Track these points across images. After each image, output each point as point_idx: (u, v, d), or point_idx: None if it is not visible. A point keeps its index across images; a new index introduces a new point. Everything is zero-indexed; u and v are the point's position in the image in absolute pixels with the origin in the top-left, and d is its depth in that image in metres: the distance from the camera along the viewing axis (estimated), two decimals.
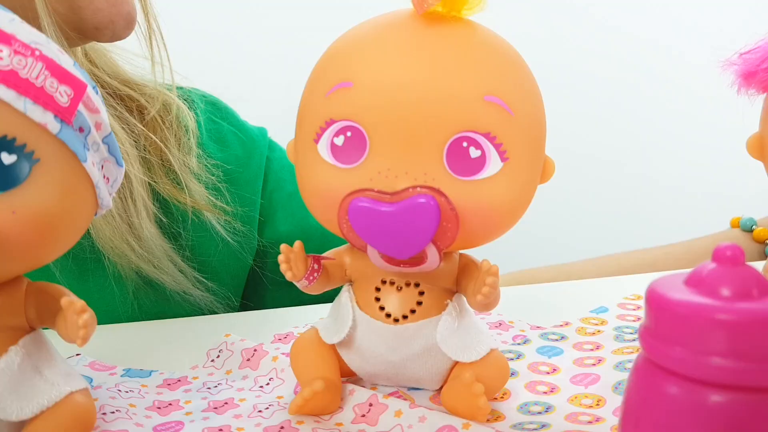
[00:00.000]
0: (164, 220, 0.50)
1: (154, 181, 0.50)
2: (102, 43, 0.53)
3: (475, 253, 0.33)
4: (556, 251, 0.79)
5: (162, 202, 0.51)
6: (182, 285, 0.49)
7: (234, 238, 0.52)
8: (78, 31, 0.45)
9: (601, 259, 0.65)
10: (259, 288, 0.56)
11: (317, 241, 0.41)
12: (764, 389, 0.20)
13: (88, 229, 0.44)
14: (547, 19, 1.24)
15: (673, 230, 0.75)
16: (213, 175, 0.52)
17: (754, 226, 0.63)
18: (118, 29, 0.46)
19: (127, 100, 0.52)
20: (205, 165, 0.52)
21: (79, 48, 0.50)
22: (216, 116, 0.57)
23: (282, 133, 0.53)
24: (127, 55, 0.53)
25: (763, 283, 0.21)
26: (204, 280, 0.50)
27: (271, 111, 0.61)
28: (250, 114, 0.60)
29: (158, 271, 0.48)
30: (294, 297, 0.52)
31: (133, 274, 0.48)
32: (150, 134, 0.50)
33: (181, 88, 0.56)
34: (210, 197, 0.51)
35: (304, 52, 0.47)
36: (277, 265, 0.31)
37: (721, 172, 1.17)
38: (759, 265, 0.36)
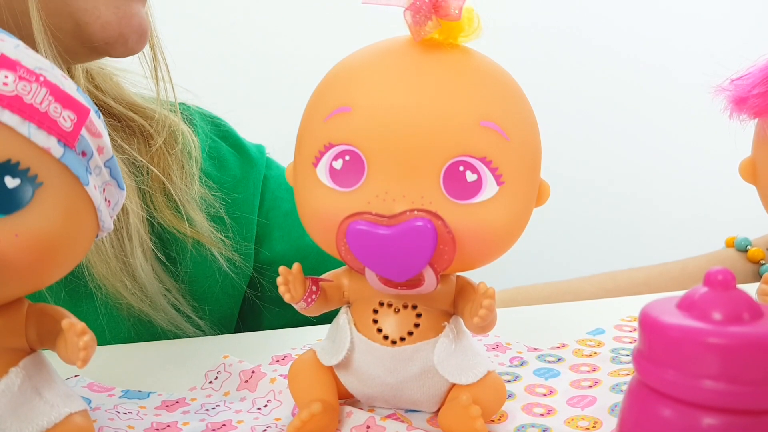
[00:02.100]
0: (162, 249, 0.50)
1: (155, 209, 0.50)
2: (108, 67, 0.53)
3: (473, 274, 0.33)
4: (553, 272, 0.79)
5: (161, 230, 0.51)
6: (175, 322, 0.49)
7: (232, 269, 0.52)
8: (88, 47, 0.44)
9: (597, 276, 0.65)
10: (255, 309, 0.56)
11: (313, 261, 0.42)
12: (756, 412, 0.20)
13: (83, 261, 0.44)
14: (542, 45, 1.25)
15: (669, 250, 0.76)
16: (214, 205, 0.52)
17: (748, 246, 0.63)
18: (130, 43, 0.45)
19: (131, 124, 0.51)
20: (206, 194, 0.52)
21: (84, 71, 0.50)
22: (216, 135, 0.57)
23: (283, 155, 0.53)
24: (133, 77, 0.53)
25: (754, 307, 0.21)
26: (196, 318, 0.50)
27: (272, 132, 0.61)
28: (251, 135, 0.61)
29: (150, 309, 0.48)
30: (290, 317, 0.52)
31: (128, 306, 0.48)
32: (152, 168, 0.50)
33: (185, 106, 0.57)
34: (211, 229, 0.51)
35: (304, 75, 0.48)
36: (273, 283, 0.32)
37: (717, 192, 1.18)
38: (753, 287, 0.36)
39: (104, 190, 0.29)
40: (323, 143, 0.30)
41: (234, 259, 0.52)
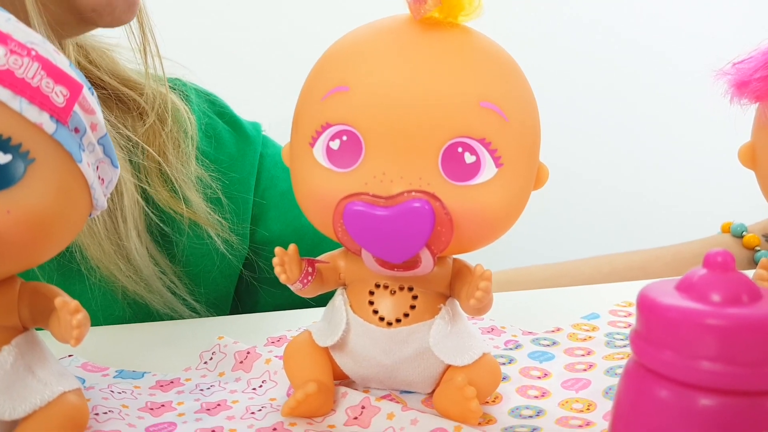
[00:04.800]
0: (158, 230, 0.50)
1: (152, 188, 0.49)
2: (103, 43, 0.52)
3: (469, 257, 0.33)
4: (549, 256, 0.79)
5: (157, 210, 0.50)
6: (170, 304, 0.49)
7: (229, 250, 0.52)
8: (77, 16, 0.44)
9: (593, 259, 0.65)
10: (250, 289, 0.56)
11: (310, 241, 0.41)
12: (753, 393, 0.20)
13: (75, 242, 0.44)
14: (543, 26, 1.24)
15: (665, 234, 0.76)
16: (211, 185, 0.52)
17: (744, 232, 0.63)
18: (118, 12, 0.44)
19: (126, 101, 0.51)
20: (203, 173, 0.52)
21: (77, 47, 0.50)
22: (212, 112, 0.57)
23: (280, 136, 0.52)
24: (128, 54, 0.52)
25: (753, 289, 0.21)
26: (192, 301, 0.50)
27: (269, 112, 0.60)
28: (247, 115, 0.60)
29: (145, 292, 0.48)
30: (286, 297, 0.52)
31: (122, 288, 0.47)
32: (147, 147, 0.49)
33: (181, 82, 0.56)
34: (208, 209, 0.51)
35: (302, 54, 0.47)
36: (269, 264, 0.31)
37: (714, 177, 1.18)
38: (749, 273, 0.36)
39: (98, 167, 0.29)
40: (320, 123, 0.30)
41: (230, 240, 0.52)
